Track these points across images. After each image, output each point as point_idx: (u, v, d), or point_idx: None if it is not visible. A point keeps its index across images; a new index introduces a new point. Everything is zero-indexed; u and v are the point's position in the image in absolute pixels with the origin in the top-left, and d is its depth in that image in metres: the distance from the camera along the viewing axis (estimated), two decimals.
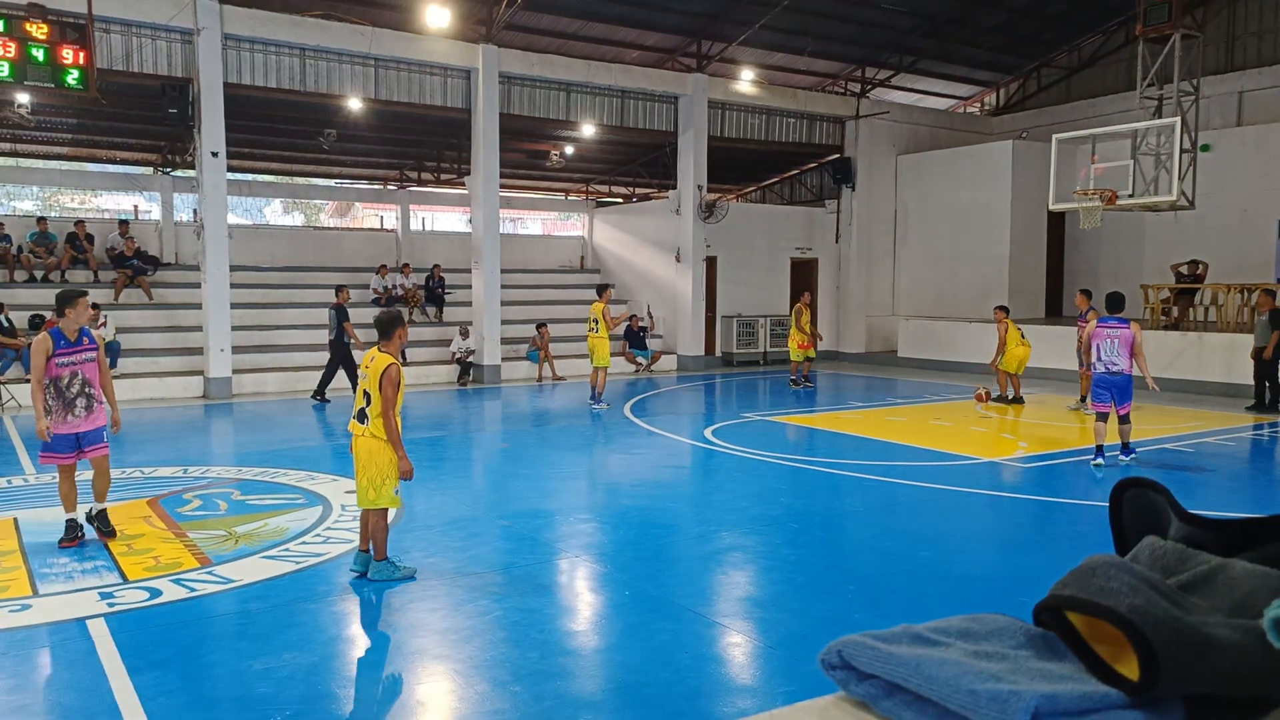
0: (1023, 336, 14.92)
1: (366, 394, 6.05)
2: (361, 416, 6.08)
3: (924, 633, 1.09)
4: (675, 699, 4.38)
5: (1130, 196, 15.26)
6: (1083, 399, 14.04)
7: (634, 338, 20.03)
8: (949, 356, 20.10)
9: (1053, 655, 1.04)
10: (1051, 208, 16.83)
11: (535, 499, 8.66)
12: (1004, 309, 15.18)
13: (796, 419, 13.72)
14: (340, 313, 15.13)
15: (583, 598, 6.11)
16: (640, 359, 20.04)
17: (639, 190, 25.96)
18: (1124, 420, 9.77)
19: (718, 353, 21.84)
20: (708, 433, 12.21)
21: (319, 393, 15.19)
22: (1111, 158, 15.50)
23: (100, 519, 7.10)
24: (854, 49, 21.57)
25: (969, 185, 21.54)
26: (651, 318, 21.25)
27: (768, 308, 22.51)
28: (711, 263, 21.54)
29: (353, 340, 15.08)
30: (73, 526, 6.89)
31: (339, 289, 15.79)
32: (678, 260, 21.00)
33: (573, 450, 11.65)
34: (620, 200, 26.22)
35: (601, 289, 15.61)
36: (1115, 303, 10.16)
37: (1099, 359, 9.81)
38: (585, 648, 5.15)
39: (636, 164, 24.66)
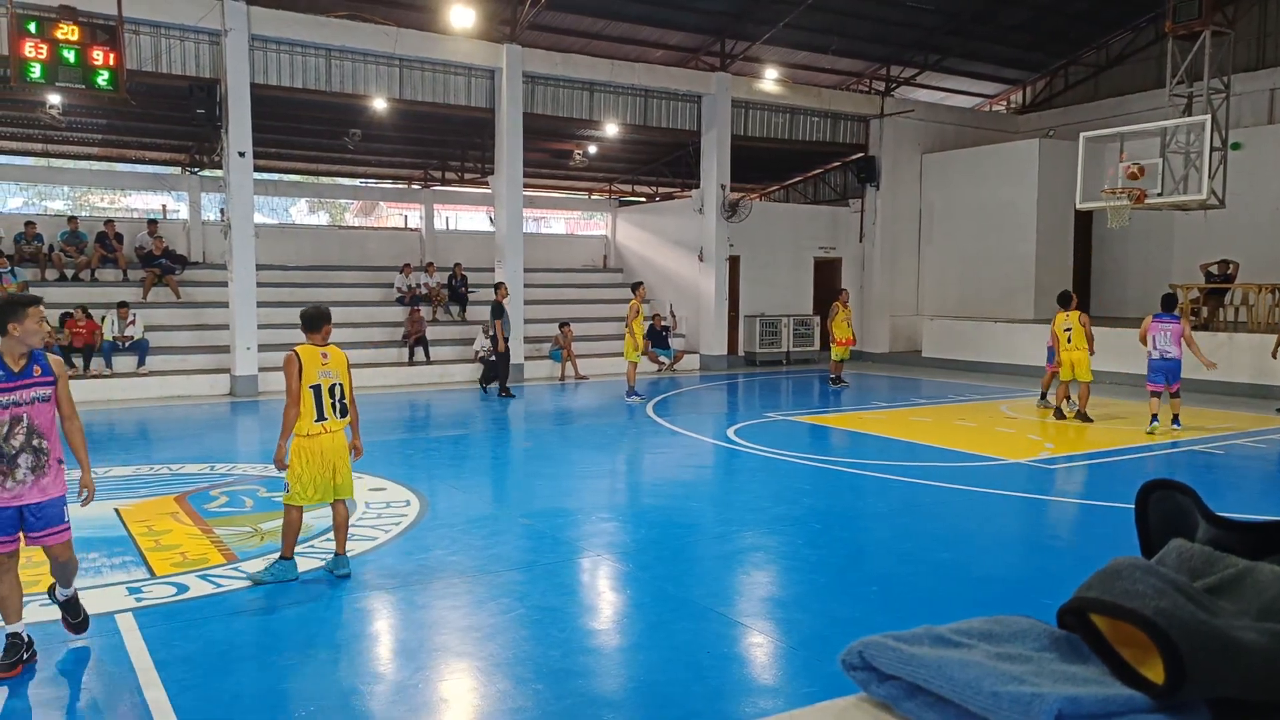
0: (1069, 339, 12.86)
1: (337, 388, 6.03)
2: (338, 409, 6.05)
3: (946, 634, 1.09)
4: (696, 698, 4.38)
5: (1159, 195, 15.07)
6: (1044, 395, 14.15)
7: (656, 337, 20.04)
8: (974, 357, 19.95)
9: (1076, 658, 1.04)
10: (1079, 207, 16.64)
11: (557, 498, 8.69)
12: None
13: (820, 419, 13.67)
14: (494, 310, 15.69)
15: (604, 596, 6.12)
16: (663, 358, 20.05)
17: (662, 189, 25.95)
18: (1175, 395, 11.71)
19: (740, 352, 21.80)
20: (730, 432, 12.19)
21: (503, 388, 15.87)
22: (1140, 156, 15.31)
23: (68, 607, 4.94)
24: (878, 47, 21.45)
25: (995, 184, 21.34)
26: (674, 317, 21.24)
27: (791, 307, 22.45)
28: (734, 262, 21.50)
29: (499, 339, 15.68)
30: (15, 645, 4.60)
31: (498, 286, 16.32)
32: (700, 259, 20.98)
33: (594, 449, 11.66)
34: (643, 199, 26.22)
35: (634, 286, 15.99)
36: (1169, 302, 12.04)
37: (1154, 348, 11.61)
38: (606, 646, 5.16)
39: (660, 163, 24.65)
